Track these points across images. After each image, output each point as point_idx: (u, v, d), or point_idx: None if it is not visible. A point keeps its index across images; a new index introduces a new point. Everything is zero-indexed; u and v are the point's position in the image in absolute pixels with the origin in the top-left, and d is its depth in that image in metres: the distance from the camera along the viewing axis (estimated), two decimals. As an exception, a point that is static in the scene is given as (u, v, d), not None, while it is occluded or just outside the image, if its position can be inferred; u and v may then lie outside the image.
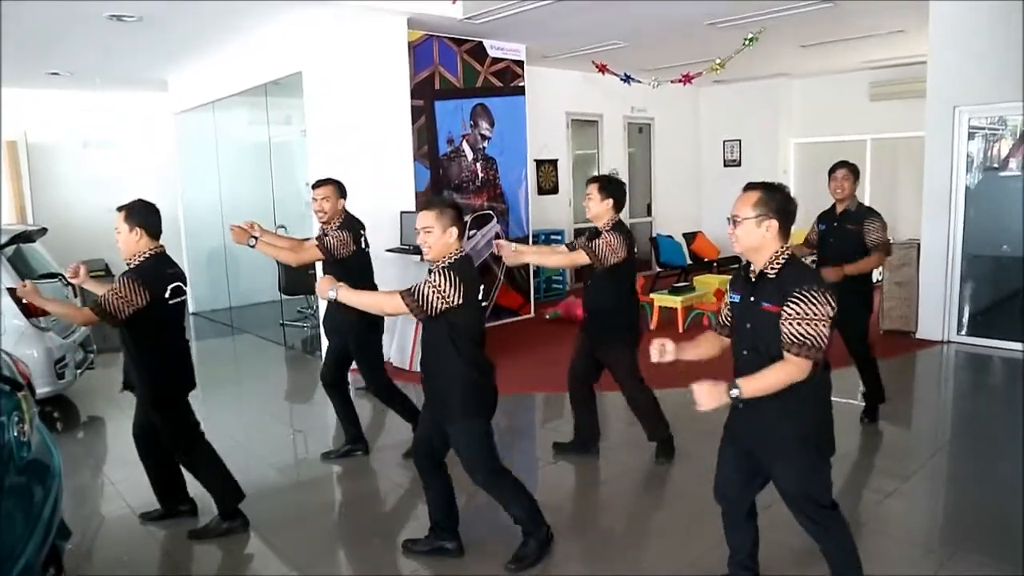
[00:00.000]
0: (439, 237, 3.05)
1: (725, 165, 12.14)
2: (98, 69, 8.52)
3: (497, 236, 7.83)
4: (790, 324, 2.40)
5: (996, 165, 6.88)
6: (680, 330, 7.50)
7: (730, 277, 2.85)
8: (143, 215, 3.46)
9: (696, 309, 7.75)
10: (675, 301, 7.56)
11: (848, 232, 4.67)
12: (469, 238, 7.55)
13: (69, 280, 3.59)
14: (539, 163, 9.66)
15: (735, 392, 2.41)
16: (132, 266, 3.43)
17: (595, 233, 4.19)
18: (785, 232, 2.56)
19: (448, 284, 2.98)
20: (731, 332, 2.72)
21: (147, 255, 3.46)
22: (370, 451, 4.73)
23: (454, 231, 3.08)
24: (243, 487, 3.77)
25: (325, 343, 6.54)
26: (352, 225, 4.37)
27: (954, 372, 6.55)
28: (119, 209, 3.47)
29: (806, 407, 2.53)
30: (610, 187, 4.12)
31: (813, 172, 11.72)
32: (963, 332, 6.96)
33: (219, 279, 9.72)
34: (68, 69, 8.37)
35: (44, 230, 5.98)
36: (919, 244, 7.20)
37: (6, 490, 2.19)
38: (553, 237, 9.55)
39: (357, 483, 4.44)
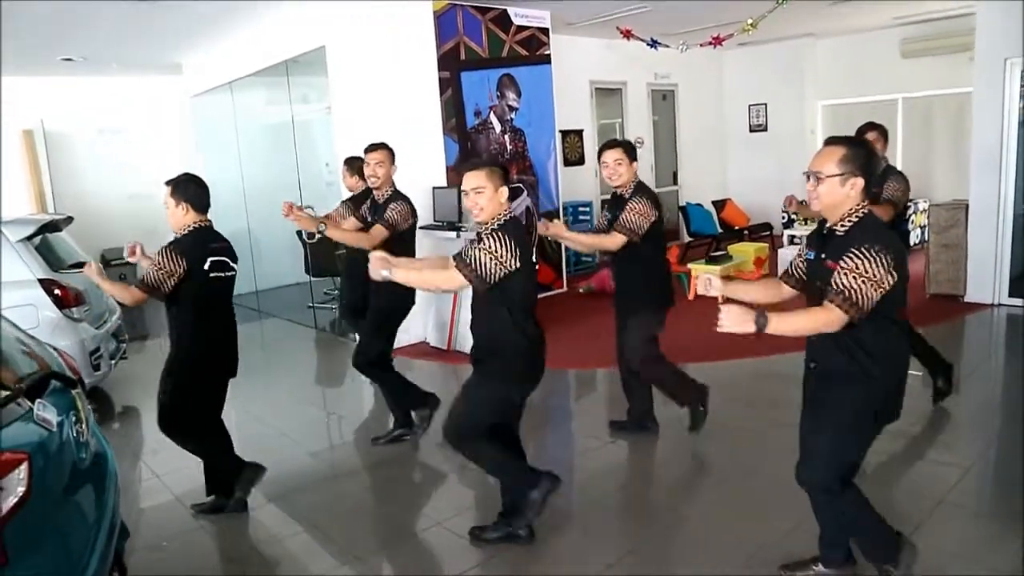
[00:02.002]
0: (491, 197, 2.92)
1: (751, 130, 11.84)
2: (111, 54, 8.35)
3: (528, 210, 7.65)
4: (839, 275, 2.31)
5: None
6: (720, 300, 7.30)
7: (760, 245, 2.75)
8: (189, 189, 3.42)
9: (735, 278, 7.53)
10: (714, 271, 7.31)
11: (876, 196, 4.44)
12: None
13: (127, 259, 3.56)
14: (564, 134, 9.42)
15: (761, 322, 2.26)
16: (174, 238, 3.42)
17: (617, 204, 3.99)
18: (867, 190, 2.44)
19: (504, 247, 2.86)
20: (803, 289, 2.67)
21: (191, 228, 3.43)
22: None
23: (505, 191, 2.96)
24: (284, 476, 3.69)
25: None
26: (406, 196, 4.27)
27: (1007, 336, 6.34)
28: (167, 183, 3.42)
29: (877, 369, 2.42)
30: (633, 151, 3.96)
31: (842, 134, 11.40)
32: (1014, 294, 6.73)
33: (243, 262, 9.51)
34: (81, 55, 8.20)
35: (70, 219, 5.83)
36: (967, 204, 6.95)
37: (69, 497, 2.05)
38: (581, 209, 9.35)
39: (406, 469, 4.31)
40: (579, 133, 9.79)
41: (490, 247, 2.86)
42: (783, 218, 10.04)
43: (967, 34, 9.00)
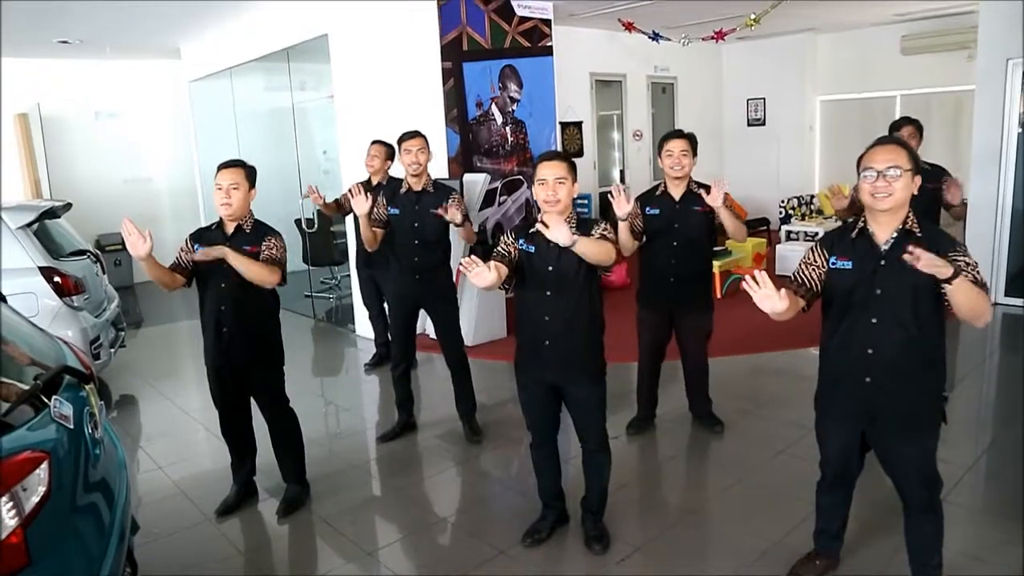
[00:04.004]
0: (569, 190, 2.89)
1: (749, 124, 11.85)
2: (108, 37, 8.25)
3: (527, 201, 7.63)
4: (968, 269, 2.28)
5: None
6: (718, 295, 7.33)
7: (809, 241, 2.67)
8: (254, 174, 3.43)
9: (734, 274, 7.56)
10: (713, 266, 7.35)
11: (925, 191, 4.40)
12: (500, 204, 7.35)
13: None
14: (563, 126, 9.40)
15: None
16: (253, 225, 3.41)
17: (671, 200, 3.96)
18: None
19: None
20: (833, 299, 2.53)
21: (254, 215, 3.45)
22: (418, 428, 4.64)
23: (577, 187, 2.95)
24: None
25: (361, 314, 6.44)
26: (447, 185, 4.28)
27: (1003, 335, 6.37)
28: (228, 166, 3.36)
29: (941, 370, 2.49)
30: (696, 144, 3.98)
31: (840, 130, 11.46)
32: (1011, 294, 6.79)
33: (239, 251, 9.54)
34: (78, 37, 8.11)
35: (69, 205, 5.77)
36: (965, 203, 6.97)
37: (86, 495, 2.04)
38: (580, 201, 9.33)
39: (410, 464, 4.29)
40: (578, 125, 9.78)
41: (610, 230, 2.95)
42: (780, 213, 10.06)
43: (966, 32, 9.04)
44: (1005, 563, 2.96)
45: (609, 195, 3.76)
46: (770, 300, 2.31)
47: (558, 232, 2.64)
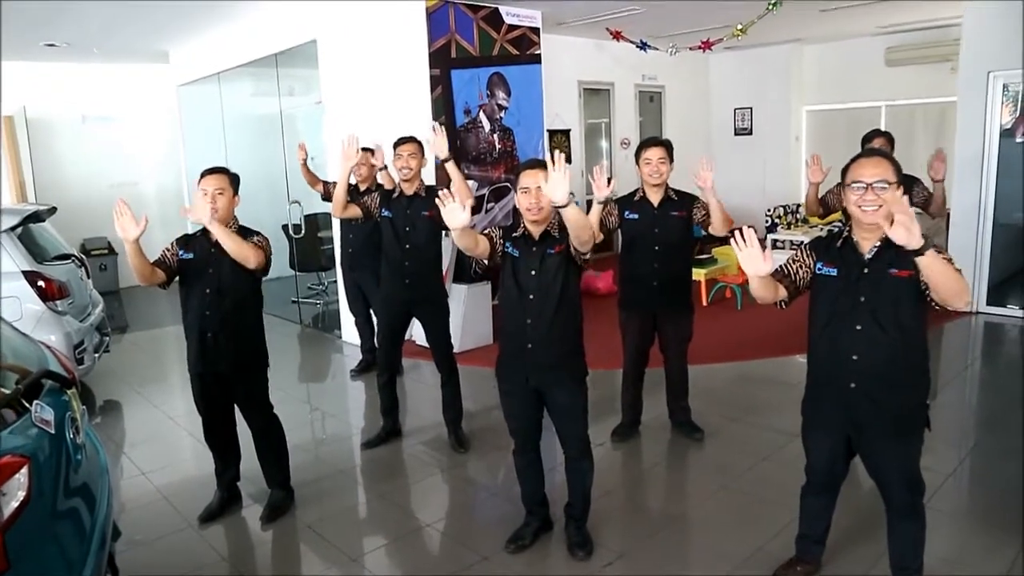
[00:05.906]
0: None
1: (736, 134, 11.91)
2: (96, 40, 8.23)
3: (515, 209, 7.65)
4: (946, 258, 2.26)
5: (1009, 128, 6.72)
6: (704, 303, 7.38)
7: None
8: (238, 181, 3.44)
9: (720, 282, 7.61)
10: (699, 273, 7.41)
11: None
12: (487, 211, 7.37)
13: None
14: (551, 133, 9.43)
15: (928, 243, 2.14)
16: (238, 229, 3.40)
17: (646, 205, 4.02)
18: None
19: None
20: (818, 306, 2.58)
21: (238, 221, 3.45)
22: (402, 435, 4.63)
23: None
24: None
25: (347, 320, 6.43)
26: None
27: (984, 344, 6.44)
28: (212, 172, 3.37)
29: (925, 377, 2.54)
30: (672, 150, 4.02)
31: (826, 140, 11.54)
32: (993, 303, 6.86)
33: (226, 256, 9.50)
34: (65, 40, 8.08)
35: (54, 209, 5.74)
36: (947, 213, 7.05)
37: (66, 500, 2.03)
38: (567, 209, 9.35)
39: (393, 470, 4.28)
40: (566, 133, 9.81)
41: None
42: (766, 222, 10.13)
43: (949, 44, 9.15)
44: (985, 568, 2.99)
45: (590, 175, 3.81)
46: (754, 261, 2.37)
47: (555, 189, 2.60)
